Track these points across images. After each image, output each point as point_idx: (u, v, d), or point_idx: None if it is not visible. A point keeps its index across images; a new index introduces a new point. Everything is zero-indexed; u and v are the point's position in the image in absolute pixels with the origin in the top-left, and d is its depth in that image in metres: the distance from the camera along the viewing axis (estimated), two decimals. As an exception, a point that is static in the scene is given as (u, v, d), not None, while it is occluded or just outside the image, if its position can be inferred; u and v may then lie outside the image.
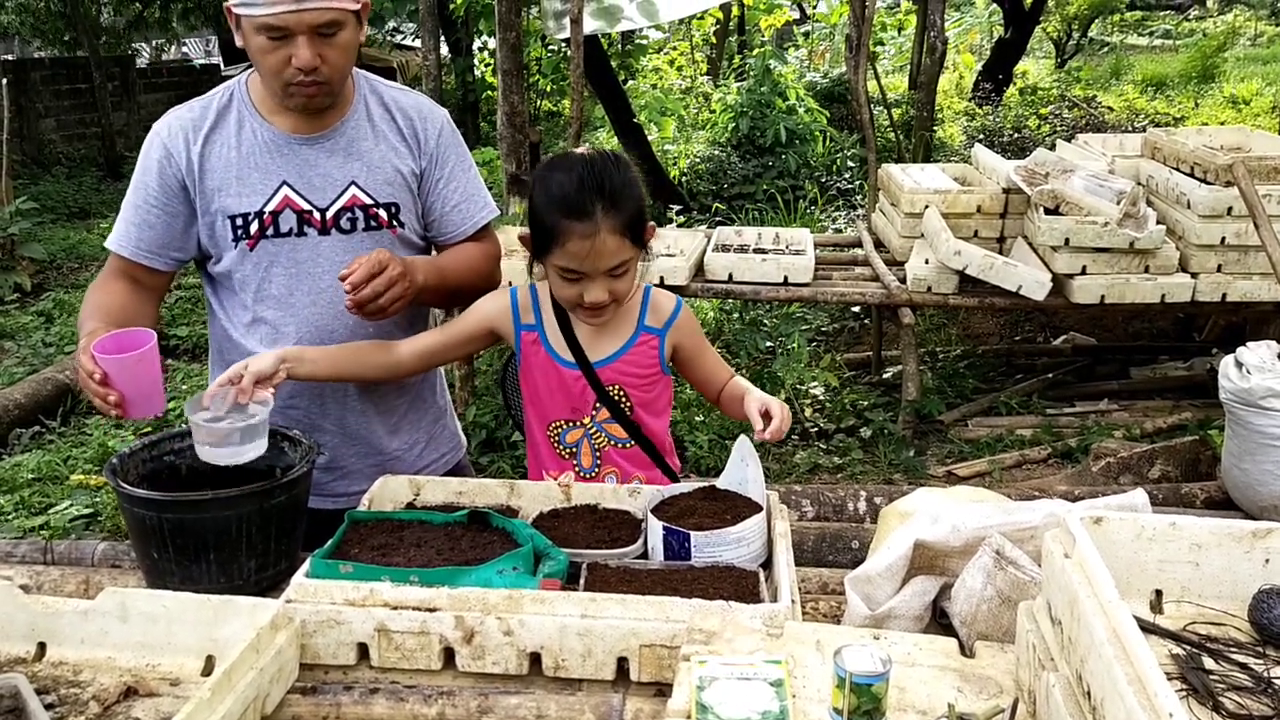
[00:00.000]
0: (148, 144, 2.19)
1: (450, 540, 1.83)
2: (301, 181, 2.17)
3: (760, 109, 10.83)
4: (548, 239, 2.04)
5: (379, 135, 2.23)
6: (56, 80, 14.57)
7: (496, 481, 2.10)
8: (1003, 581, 1.49)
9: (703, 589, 1.72)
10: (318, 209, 2.18)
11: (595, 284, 2.05)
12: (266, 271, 2.19)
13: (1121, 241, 4.68)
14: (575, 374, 2.19)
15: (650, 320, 2.23)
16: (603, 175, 2.02)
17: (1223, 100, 16.14)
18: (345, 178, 2.20)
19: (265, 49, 2.01)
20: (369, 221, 2.22)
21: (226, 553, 1.82)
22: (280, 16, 1.96)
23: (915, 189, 5.36)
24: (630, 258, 2.07)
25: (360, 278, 2.00)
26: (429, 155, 2.27)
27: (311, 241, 2.19)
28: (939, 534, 1.60)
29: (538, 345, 2.21)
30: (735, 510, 1.94)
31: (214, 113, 2.18)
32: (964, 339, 6.50)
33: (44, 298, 8.14)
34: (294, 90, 2.06)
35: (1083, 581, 1.19)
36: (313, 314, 2.22)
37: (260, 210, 2.16)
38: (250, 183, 2.16)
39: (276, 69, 2.03)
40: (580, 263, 2.03)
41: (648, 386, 2.23)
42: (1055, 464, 4.86)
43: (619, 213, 2.01)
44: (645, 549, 1.90)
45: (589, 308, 2.09)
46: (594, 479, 2.24)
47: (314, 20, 1.98)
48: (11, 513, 4.47)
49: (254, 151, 2.17)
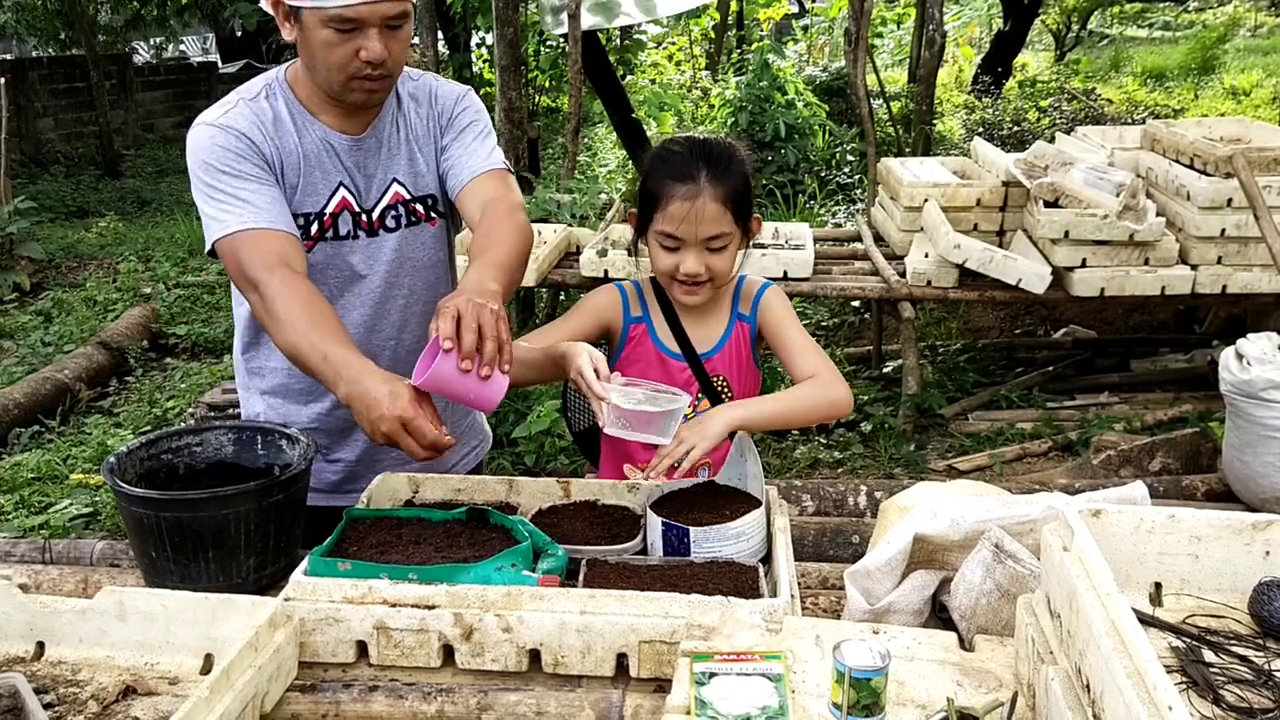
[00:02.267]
0: (218, 140, 2.04)
1: (449, 537, 1.83)
2: (353, 182, 2.16)
3: (759, 103, 10.82)
4: (652, 205, 2.10)
5: (410, 126, 2.21)
6: (54, 79, 14.56)
7: (495, 478, 2.10)
8: (1002, 575, 1.48)
9: (702, 584, 1.72)
10: (365, 210, 2.17)
11: (691, 253, 2.09)
12: (322, 274, 2.16)
13: (1121, 234, 4.68)
14: (681, 365, 2.23)
15: (742, 307, 2.27)
16: (711, 147, 2.10)
17: (1223, 92, 16.12)
18: (388, 175, 2.18)
19: (332, 42, 1.96)
20: (410, 217, 2.21)
21: (225, 551, 1.82)
22: (355, 8, 1.91)
23: (915, 182, 5.35)
24: (729, 233, 2.10)
25: (449, 330, 1.74)
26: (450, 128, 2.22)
27: (362, 243, 2.18)
28: (938, 528, 1.60)
29: (645, 337, 2.25)
30: (734, 505, 1.93)
31: (270, 109, 2.10)
32: (964, 333, 6.49)
33: (43, 297, 8.14)
34: (356, 85, 2.01)
35: (1081, 575, 1.18)
36: (361, 315, 2.21)
37: (320, 211, 2.13)
38: (313, 183, 2.13)
39: (343, 62, 1.97)
40: (679, 226, 2.07)
41: (746, 377, 2.27)
42: (1056, 457, 4.85)
43: (722, 182, 2.07)
44: (645, 545, 1.89)
45: (684, 281, 2.11)
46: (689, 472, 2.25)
47: (387, 11, 1.95)
48: (12, 512, 4.47)
49: (314, 151, 2.12)
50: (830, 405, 2.10)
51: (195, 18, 17.32)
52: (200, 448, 2.06)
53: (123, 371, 6.42)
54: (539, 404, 4.98)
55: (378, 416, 1.73)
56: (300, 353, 1.87)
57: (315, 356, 1.83)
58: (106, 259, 9.33)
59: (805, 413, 2.12)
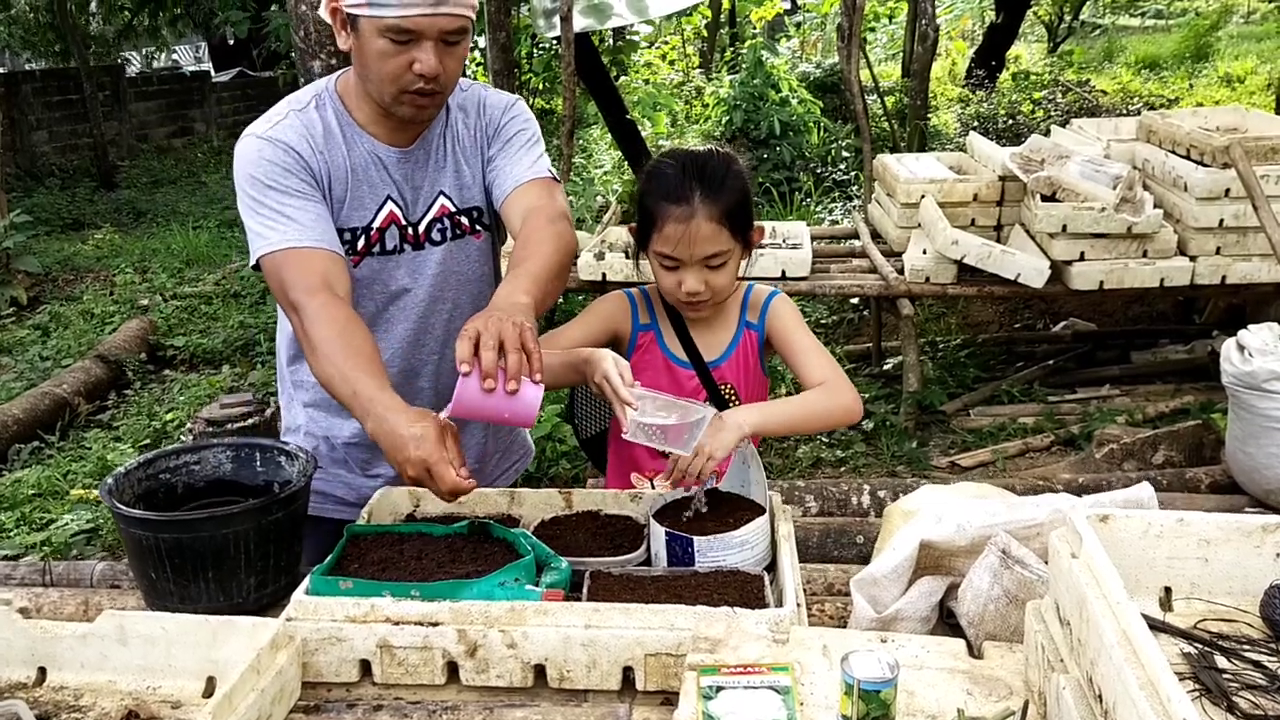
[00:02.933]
0: (265, 154, 2.01)
1: (451, 553, 1.82)
2: (401, 195, 2.13)
3: (753, 101, 10.80)
4: (649, 225, 2.09)
5: (457, 137, 2.17)
6: (47, 92, 14.54)
7: (496, 490, 2.09)
8: (1010, 581, 1.47)
9: (707, 595, 1.71)
10: (412, 223, 2.14)
11: (691, 273, 2.07)
12: (367, 288, 2.14)
13: (1119, 226, 4.66)
14: (689, 373, 2.22)
15: (749, 315, 2.25)
16: (704, 164, 2.06)
17: (1217, 79, 16.10)
18: (435, 188, 2.16)
19: (387, 53, 1.92)
20: (455, 230, 2.18)
21: (225, 571, 1.80)
22: (414, 19, 1.88)
23: (911, 179, 5.33)
24: (728, 250, 2.08)
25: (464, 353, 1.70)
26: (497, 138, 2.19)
27: (407, 257, 2.15)
28: (944, 533, 1.59)
29: (653, 344, 2.24)
30: (738, 513, 1.92)
31: (319, 120, 2.07)
32: (963, 328, 6.48)
33: (40, 311, 8.12)
34: (407, 99, 1.98)
35: (1091, 582, 1.17)
36: (404, 330, 2.19)
37: (368, 226, 2.11)
38: (360, 197, 2.10)
39: (396, 74, 1.94)
40: (675, 247, 2.05)
41: (754, 384, 2.25)
42: (1059, 451, 4.84)
43: (717, 200, 2.04)
44: (648, 555, 1.88)
45: (687, 301, 2.11)
46: (696, 481, 2.23)
47: (446, 25, 1.91)
48: (13, 529, 4.45)
49: (362, 164, 2.09)
50: (843, 412, 2.09)
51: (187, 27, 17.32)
52: (198, 466, 2.04)
53: (121, 385, 6.41)
54: (541, 409, 4.97)
55: (404, 459, 1.71)
56: (333, 384, 1.84)
57: (346, 390, 1.81)
58: (103, 271, 9.31)
59: (817, 419, 2.10)
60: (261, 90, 18.73)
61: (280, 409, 2.41)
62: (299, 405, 2.30)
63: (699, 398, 2.20)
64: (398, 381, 2.24)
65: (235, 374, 6.48)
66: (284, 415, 2.38)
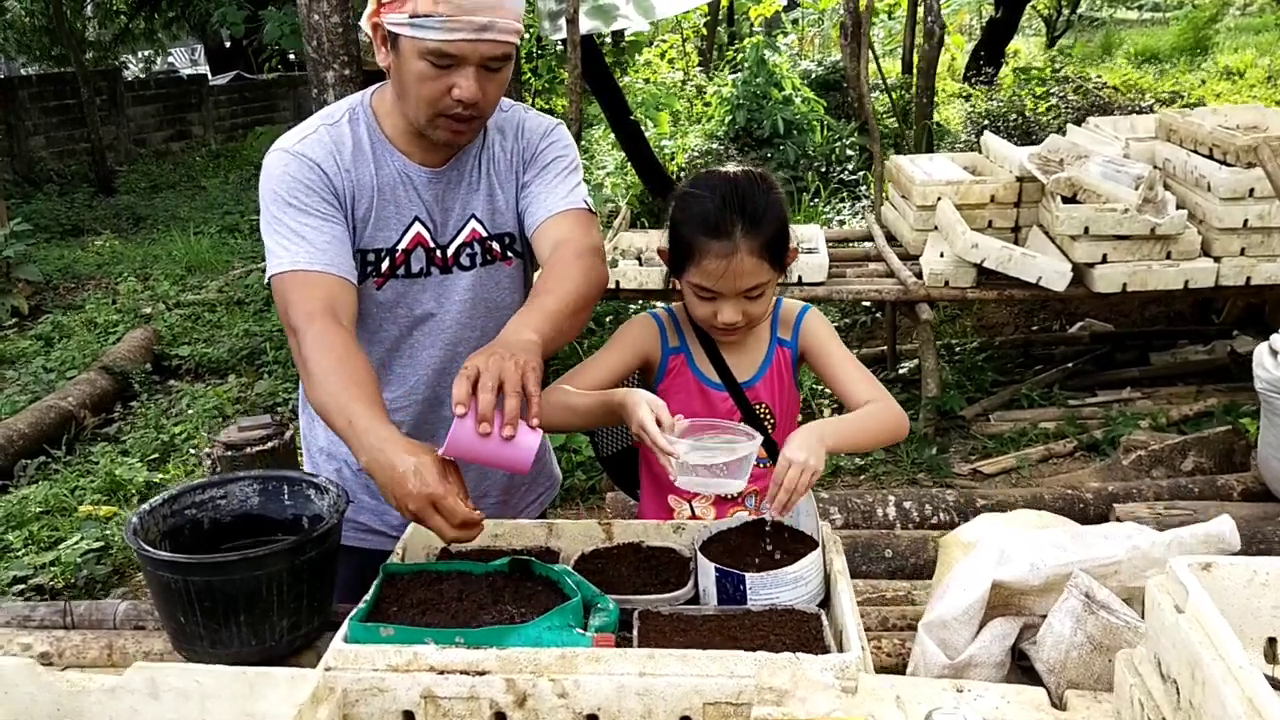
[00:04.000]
0: (290, 169, 1.96)
1: (493, 592, 1.74)
2: (430, 216, 2.06)
3: (756, 100, 10.73)
4: (685, 256, 2.00)
5: (493, 160, 2.09)
6: (44, 97, 14.47)
7: (534, 522, 2.01)
8: (1094, 626, 1.39)
9: (763, 636, 1.63)
10: (440, 246, 2.07)
11: (729, 304, 2.01)
12: (390, 312, 2.08)
13: (1142, 228, 4.59)
14: (722, 394, 2.14)
15: (781, 333, 2.18)
16: (745, 194, 1.97)
17: (1217, 72, 16.04)
18: (466, 211, 2.08)
19: (426, 75, 1.86)
20: (485, 256, 2.11)
21: (257, 614, 1.72)
22: (456, 44, 1.81)
23: (927, 181, 5.26)
24: (767, 280, 2.01)
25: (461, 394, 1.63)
26: (533, 164, 2.11)
27: (434, 280, 2.08)
28: (1017, 573, 1.51)
29: (684, 368, 2.16)
30: (787, 546, 1.84)
31: (350, 135, 2.02)
32: (979, 330, 6.40)
33: (41, 320, 8.04)
34: (443, 122, 1.92)
35: (1204, 641, 1.09)
36: (431, 356, 2.12)
37: (393, 247, 2.04)
38: (386, 217, 2.03)
39: (434, 98, 1.88)
40: (716, 282, 1.98)
41: (788, 402, 2.18)
42: (1083, 457, 4.77)
43: (759, 233, 1.96)
44: (696, 591, 1.80)
45: (721, 328, 2.04)
46: (735, 501, 2.18)
47: (488, 52, 1.84)
48: (21, 549, 4.37)
49: (390, 184, 2.03)
50: (897, 429, 2.03)
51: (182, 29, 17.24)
52: (224, 500, 1.96)
53: (127, 396, 6.33)
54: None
55: (404, 494, 1.63)
56: (328, 413, 1.78)
57: (341, 420, 1.74)
58: (104, 278, 9.23)
59: (877, 436, 2.03)
60: (259, 93, 18.68)
61: (301, 429, 2.34)
62: (320, 425, 2.22)
63: (733, 420, 2.13)
64: (422, 410, 2.18)
65: (242, 384, 6.40)
66: (304, 434, 2.31)
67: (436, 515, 1.65)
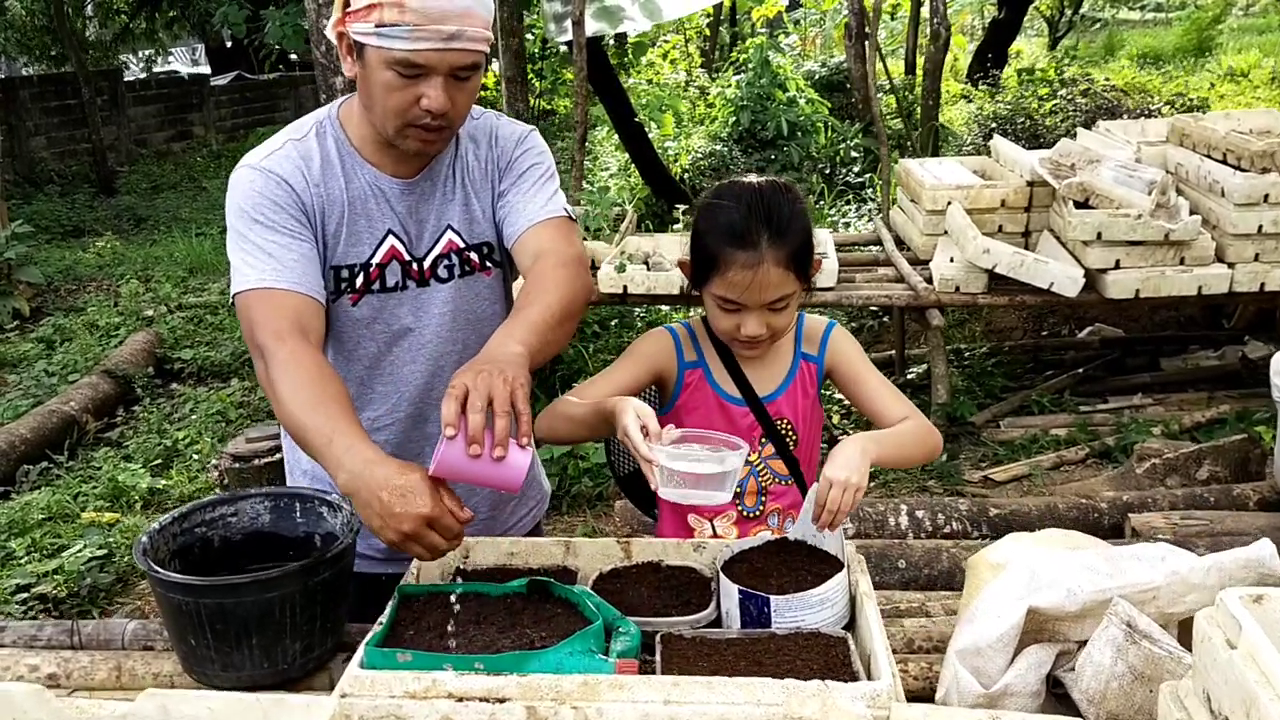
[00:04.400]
0: (257, 185, 1.91)
1: (511, 615, 1.70)
2: (403, 229, 2.01)
3: (760, 101, 10.69)
4: (709, 267, 1.96)
5: (467, 169, 2.05)
6: (45, 97, 14.43)
7: (550, 540, 1.97)
8: (1135, 657, 1.35)
9: (789, 661, 1.59)
10: (416, 259, 2.02)
11: (753, 317, 1.96)
12: (368, 328, 2.03)
13: (1156, 234, 4.54)
14: (743, 410, 2.09)
15: (806, 347, 2.13)
16: (771, 204, 1.94)
17: (1222, 73, 15.98)
18: (442, 222, 2.03)
19: (393, 86, 1.81)
20: (464, 267, 2.06)
21: (269, 636, 1.68)
22: (424, 53, 1.77)
23: (937, 185, 5.22)
24: (792, 292, 1.98)
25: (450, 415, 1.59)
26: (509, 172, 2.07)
27: (411, 294, 2.03)
28: (1053, 599, 1.47)
29: (702, 382, 2.11)
30: (812, 567, 1.80)
31: (318, 149, 1.97)
32: (987, 334, 6.36)
33: (43, 323, 8.00)
34: (412, 133, 1.87)
35: (1260, 680, 1.06)
36: (413, 373, 2.07)
37: (367, 262, 1.99)
38: (358, 232, 1.98)
39: (402, 108, 1.83)
40: (740, 294, 1.94)
41: (811, 418, 2.13)
42: (1094, 464, 4.73)
43: (785, 245, 1.93)
44: (719, 613, 1.76)
45: (745, 341, 1.99)
46: (757, 519, 2.14)
47: (457, 61, 1.80)
48: (23, 556, 4.33)
49: (361, 197, 1.98)
50: (933, 448, 2.00)
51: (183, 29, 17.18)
52: (235, 518, 1.92)
53: (129, 400, 6.29)
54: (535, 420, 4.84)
55: (396, 513, 1.59)
56: (304, 434, 1.71)
57: (319, 440, 1.68)
58: (106, 280, 9.20)
59: (913, 454, 1.99)
60: (260, 93, 18.65)
61: (284, 452, 2.27)
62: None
63: (754, 435, 2.09)
64: (406, 428, 2.12)
65: (245, 388, 6.36)
66: (287, 458, 2.24)
67: (431, 534, 1.61)
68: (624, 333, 6.41)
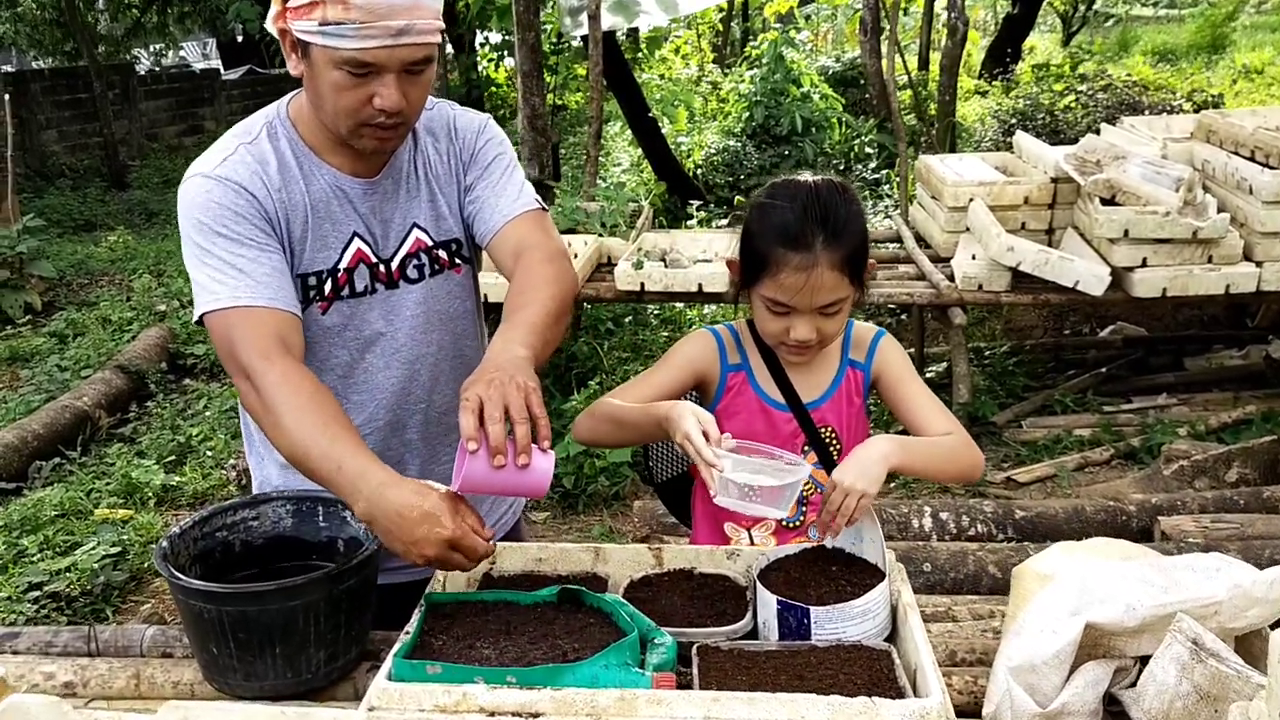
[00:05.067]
0: (214, 196, 1.81)
1: (542, 625, 1.64)
2: (369, 231, 1.93)
3: (774, 97, 10.60)
4: (759, 267, 1.90)
5: (429, 164, 1.98)
6: (56, 91, 14.41)
7: (580, 546, 1.91)
8: (1201, 676, 1.29)
9: (831, 675, 1.53)
10: (383, 260, 1.95)
11: (803, 320, 1.89)
12: (339, 336, 1.95)
13: (1184, 231, 4.47)
14: (786, 416, 2.03)
15: (854, 354, 2.06)
16: (827, 204, 1.86)
17: (1236, 70, 15.85)
18: (407, 220, 1.96)
19: (343, 85, 1.73)
20: (433, 266, 1.99)
21: (293, 645, 1.63)
22: (372, 52, 1.68)
23: (959, 181, 5.15)
24: (845, 297, 1.90)
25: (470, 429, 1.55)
26: (473, 165, 2.01)
27: (380, 297, 1.95)
28: (1111, 615, 1.41)
29: (745, 386, 2.05)
30: (851, 576, 1.74)
31: (272, 152, 1.87)
32: (1008, 333, 6.28)
33: (55, 317, 7.96)
34: (367, 132, 1.79)
35: (1351, 709, 1.00)
36: (387, 379, 1.99)
37: (334, 267, 1.91)
38: (323, 236, 1.90)
39: (354, 108, 1.75)
40: (792, 296, 1.87)
41: (856, 428, 2.07)
42: (1120, 465, 4.66)
43: (840, 247, 1.85)
44: (755, 624, 1.71)
45: (794, 346, 1.93)
46: (797, 530, 2.07)
47: (407, 57, 1.71)
48: (36, 554, 4.28)
49: (323, 200, 1.89)
50: (971, 468, 1.93)
51: (195, 23, 17.16)
52: (257, 522, 1.88)
53: (142, 396, 6.24)
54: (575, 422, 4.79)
55: (419, 538, 1.55)
56: (308, 460, 1.65)
57: (327, 466, 1.62)
58: (118, 274, 9.16)
59: (944, 468, 1.91)
60: (271, 87, 18.60)
61: (250, 470, 2.18)
62: (273, 464, 2.06)
63: (796, 442, 2.02)
64: (384, 435, 2.05)
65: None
66: (254, 474, 2.15)
67: (457, 554, 1.58)
68: (639, 330, 6.36)
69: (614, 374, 5.52)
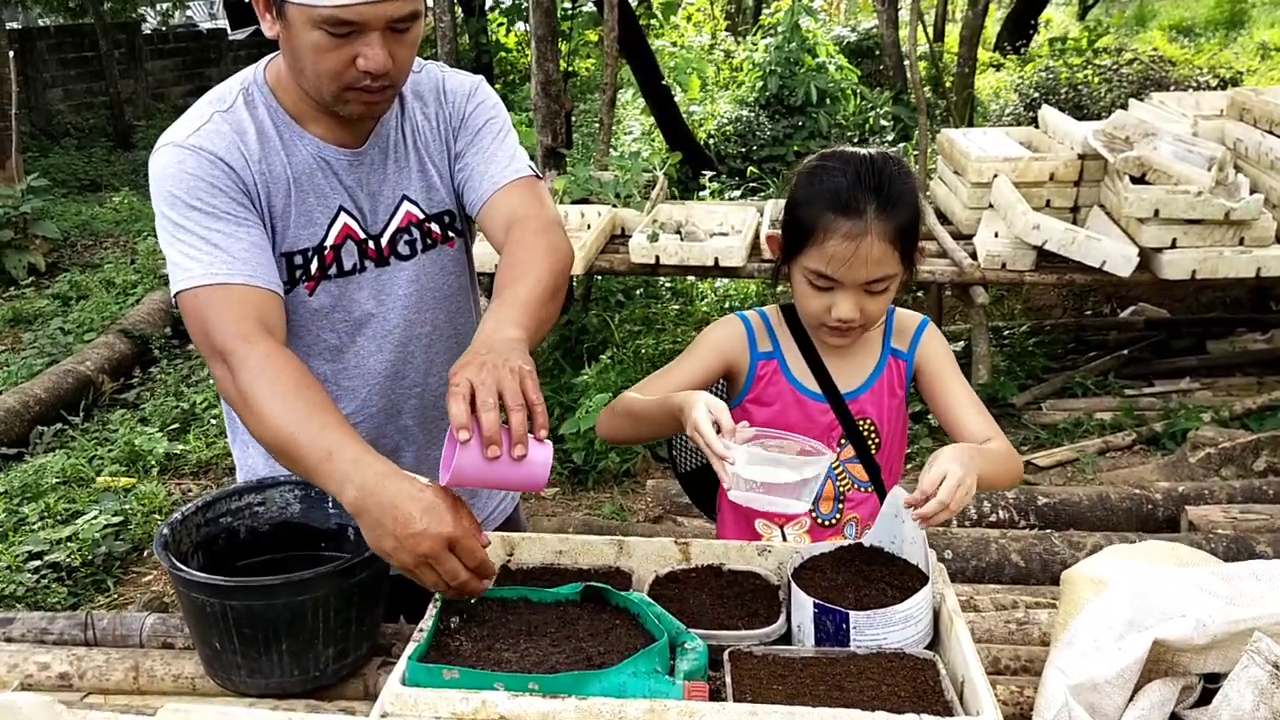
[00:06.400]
0: (187, 166, 1.68)
1: (565, 625, 1.55)
2: (356, 205, 1.81)
3: (789, 67, 10.44)
4: (804, 236, 1.78)
5: (417, 131, 1.86)
6: (62, 49, 14.25)
7: (603, 539, 1.81)
8: (1282, 703, 1.20)
9: (874, 685, 1.44)
10: (373, 236, 1.83)
11: (847, 297, 1.78)
12: (327, 318, 1.84)
13: (1216, 212, 4.34)
14: (822, 406, 1.92)
15: (896, 343, 1.95)
16: (882, 173, 1.76)
17: (1253, 47, 15.61)
18: (397, 193, 1.84)
19: (324, 47, 1.60)
20: (425, 240, 1.88)
21: (301, 642, 1.55)
22: (355, 8, 1.56)
23: (983, 156, 5.02)
24: (893, 274, 1.80)
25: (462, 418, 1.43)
26: (463, 130, 1.88)
27: (370, 276, 1.84)
28: (1181, 631, 1.31)
29: (777, 374, 1.93)
30: (892, 579, 1.64)
31: (250, 120, 1.74)
32: (1027, 312, 6.17)
33: (59, 278, 7.87)
34: (352, 96, 1.67)
35: None
36: (379, 363, 1.89)
37: (320, 245, 1.79)
38: (307, 210, 1.78)
39: (337, 70, 1.63)
40: (837, 268, 1.76)
41: (896, 421, 1.96)
42: (1142, 451, 4.56)
43: (892, 218, 1.75)
44: (789, 627, 1.61)
45: (835, 326, 1.81)
46: (832, 528, 1.97)
47: (393, 13, 1.59)
48: (37, 522, 4.21)
49: (307, 172, 1.77)
50: (1016, 477, 1.84)
51: (202, -18, 16.96)
52: (263, 507, 1.79)
53: (146, 361, 6.15)
54: (587, 398, 4.70)
55: (413, 534, 1.41)
56: (294, 446, 1.51)
57: (315, 453, 1.49)
58: (123, 236, 9.06)
59: (999, 480, 1.79)
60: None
61: (234, 458, 2.07)
62: (257, 453, 1.95)
63: (833, 435, 1.92)
64: (379, 423, 1.94)
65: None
66: (238, 463, 2.04)
67: (452, 558, 1.44)
68: (651, 303, 6.25)
69: (624, 347, 5.42)
